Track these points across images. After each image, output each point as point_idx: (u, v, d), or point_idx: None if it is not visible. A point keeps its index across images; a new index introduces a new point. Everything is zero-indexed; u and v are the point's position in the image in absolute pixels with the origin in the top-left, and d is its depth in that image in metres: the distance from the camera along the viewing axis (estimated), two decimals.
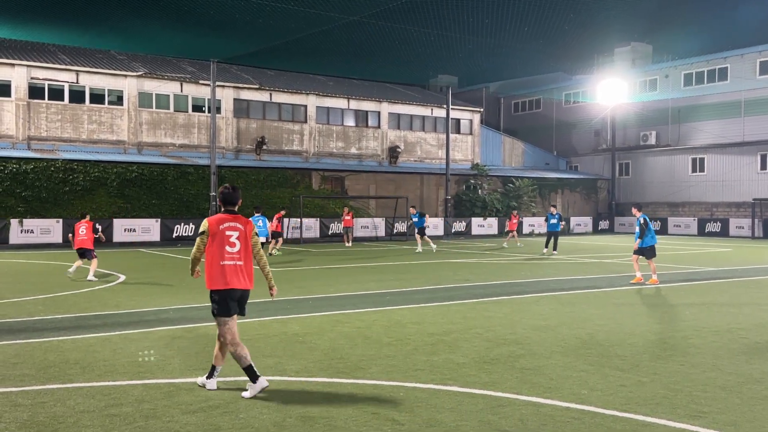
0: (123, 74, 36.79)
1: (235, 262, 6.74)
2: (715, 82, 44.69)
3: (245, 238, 6.84)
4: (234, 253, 6.74)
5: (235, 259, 6.74)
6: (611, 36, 40.52)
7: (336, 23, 25.48)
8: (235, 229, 6.80)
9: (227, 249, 6.71)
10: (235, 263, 6.74)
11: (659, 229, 44.56)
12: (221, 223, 6.78)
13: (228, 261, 6.71)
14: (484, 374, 7.38)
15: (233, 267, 6.72)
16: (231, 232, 6.77)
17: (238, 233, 6.80)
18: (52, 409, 6.05)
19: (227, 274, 6.69)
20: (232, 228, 6.79)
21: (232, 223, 6.81)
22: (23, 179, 30.82)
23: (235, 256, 6.74)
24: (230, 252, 6.73)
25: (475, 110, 49.38)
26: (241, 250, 6.78)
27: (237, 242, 6.76)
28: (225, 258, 6.71)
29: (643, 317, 11.31)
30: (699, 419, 5.89)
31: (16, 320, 10.76)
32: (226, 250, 6.71)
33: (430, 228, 39.96)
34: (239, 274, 6.75)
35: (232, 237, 6.76)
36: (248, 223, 6.97)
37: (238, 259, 6.76)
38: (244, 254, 6.82)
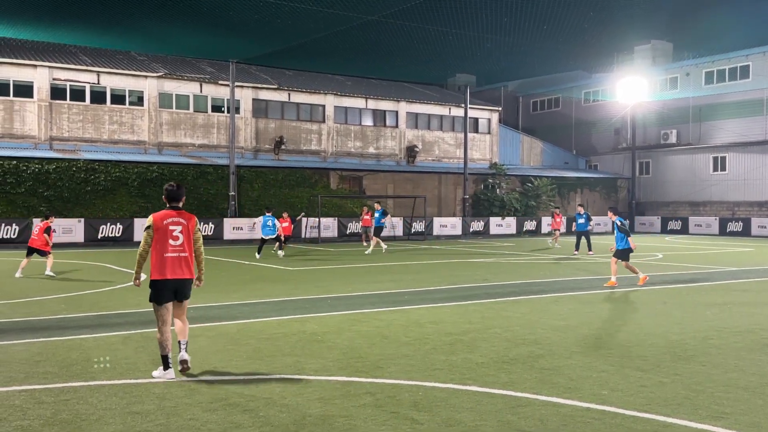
0: (143, 75, 37.11)
1: (178, 254, 7.34)
2: (736, 80, 44.18)
3: (188, 232, 7.41)
4: (177, 246, 7.34)
5: (179, 251, 7.35)
6: (631, 34, 40.22)
7: (354, 23, 25.52)
8: (179, 223, 7.39)
9: (170, 242, 7.30)
10: (179, 255, 7.35)
11: (680, 229, 44.19)
12: (165, 218, 7.36)
13: (171, 253, 7.31)
14: (503, 374, 7.36)
15: (176, 259, 7.33)
16: (174, 226, 7.36)
17: (181, 227, 7.39)
18: (75, 406, 6.13)
19: (168, 265, 7.27)
20: (176, 223, 7.37)
21: (175, 218, 7.39)
22: (45, 179, 31.19)
23: (179, 248, 7.35)
24: (173, 245, 7.32)
25: (493, 109, 49.20)
26: (183, 243, 7.37)
27: (180, 236, 7.36)
28: (169, 250, 7.30)
29: (664, 317, 11.22)
30: (721, 420, 5.83)
31: (39, 318, 10.90)
32: (170, 243, 7.30)
33: (447, 227, 39.95)
34: (181, 266, 7.35)
35: (176, 231, 7.34)
36: (191, 218, 7.54)
37: (181, 251, 7.36)
38: (187, 247, 7.41)
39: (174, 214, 7.41)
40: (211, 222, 33.15)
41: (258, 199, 36.39)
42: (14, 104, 34.02)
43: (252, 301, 12.87)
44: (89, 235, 30.36)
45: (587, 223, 25.53)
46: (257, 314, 11.35)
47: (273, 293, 14.09)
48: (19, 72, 34.19)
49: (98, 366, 7.64)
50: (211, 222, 33.15)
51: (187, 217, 7.49)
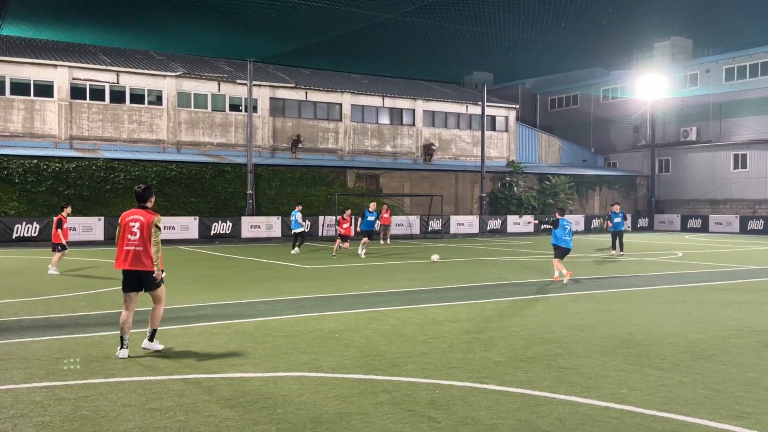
0: (162, 74, 37.35)
1: (135, 247, 8.06)
2: (757, 77, 43.64)
3: (146, 228, 8.06)
4: (134, 240, 8.06)
5: (136, 245, 8.05)
6: (650, 30, 39.88)
7: (372, 21, 25.52)
8: (136, 220, 8.12)
9: (129, 237, 8.09)
10: (135, 248, 8.06)
11: (700, 227, 43.80)
12: (128, 216, 8.22)
13: (129, 246, 8.07)
14: (520, 373, 7.33)
15: (133, 252, 8.06)
16: (133, 223, 8.11)
17: (139, 224, 8.08)
18: (95, 403, 6.18)
19: (127, 258, 8.06)
20: (135, 220, 8.13)
21: (136, 216, 8.16)
22: (66, 178, 31.50)
23: (135, 243, 8.06)
24: (131, 239, 8.07)
25: (510, 107, 48.99)
26: (139, 239, 8.05)
27: (138, 231, 8.05)
28: (127, 244, 8.09)
29: (683, 316, 11.12)
30: (742, 420, 5.77)
31: (60, 316, 11.01)
32: (128, 238, 8.09)
33: (464, 226, 39.84)
34: (139, 258, 8.03)
35: (134, 227, 8.07)
36: (151, 215, 8.17)
37: (137, 245, 8.05)
38: (143, 241, 8.05)
39: (135, 212, 8.22)
40: (229, 220, 33.31)
41: (275, 197, 36.53)
42: (35, 104, 34.40)
43: (269, 299, 12.92)
44: (109, 234, 30.60)
45: (622, 223, 25.01)
46: (274, 312, 11.39)
47: (290, 291, 14.13)
48: (39, 72, 34.56)
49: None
50: (229, 220, 33.31)
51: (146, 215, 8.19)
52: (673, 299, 13.15)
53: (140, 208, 8.24)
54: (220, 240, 32.42)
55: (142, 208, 8.23)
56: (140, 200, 8.28)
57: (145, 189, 8.35)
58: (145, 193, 8.30)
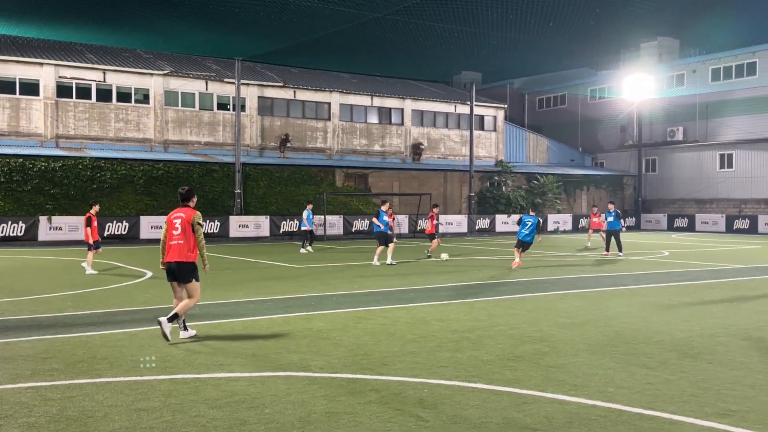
0: (149, 73, 37.16)
1: (177, 241, 8.97)
2: (743, 77, 43.97)
3: (187, 224, 8.96)
4: (177, 235, 8.98)
5: (178, 239, 8.97)
6: (637, 31, 40.09)
7: (360, 20, 25.51)
8: (179, 217, 9.03)
9: (173, 232, 9.02)
10: (177, 242, 8.97)
11: (686, 226, 44.10)
12: (172, 214, 9.16)
13: (173, 241, 8.99)
14: (508, 371, 7.35)
15: (175, 245, 8.97)
16: (176, 219, 9.04)
17: (180, 220, 8.99)
18: (81, 403, 6.14)
19: (170, 251, 8.99)
20: (177, 217, 9.06)
21: (178, 213, 9.08)
22: (52, 177, 31.28)
23: (177, 237, 8.97)
24: (174, 234, 9.01)
25: (499, 107, 49.10)
26: (181, 233, 8.95)
27: (179, 227, 8.97)
28: (171, 239, 9.00)
29: (670, 315, 11.19)
30: (727, 417, 5.81)
31: (46, 316, 10.93)
32: (172, 234, 9.01)
33: (453, 225, 39.91)
34: (179, 250, 8.94)
35: (177, 223, 9.00)
36: (192, 212, 9.05)
37: (179, 239, 8.96)
38: (184, 236, 8.95)
39: (179, 210, 9.11)
40: (217, 219, 33.20)
41: (263, 197, 36.45)
42: (20, 102, 34.14)
43: (258, 299, 12.88)
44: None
45: (618, 222, 24.52)
46: (263, 311, 11.36)
47: (279, 290, 14.11)
48: (25, 70, 34.30)
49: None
50: (217, 219, 33.20)
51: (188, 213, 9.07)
52: (660, 298, 13.23)
53: (183, 206, 9.18)
54: (208, 239, 32.30)
55: (185, 207, 9.17)
56: (184, 200, 9.21)
57: (188, 190, 9.31)
58: (188, 193, 9.26)
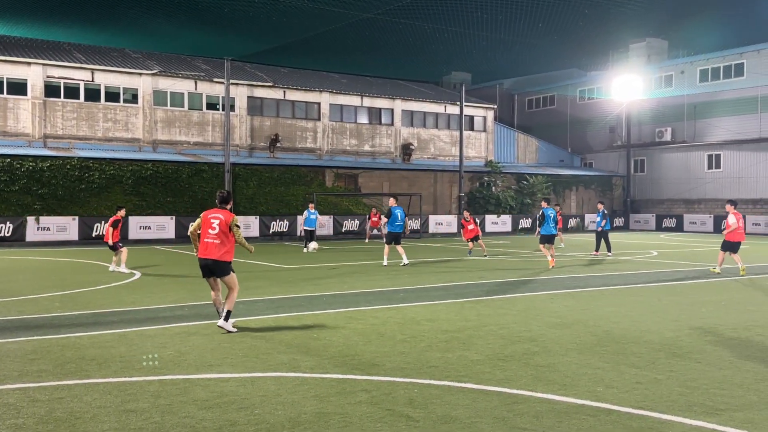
0: (138, 72, 36.99)
1: (212, 240, 9.47)
2: (731, 78, 44.27)
3: (225, 226, 9.47)
4: (213, 234, 9.47)
5: (213, 238, 9.46)
6: (626, 31, 40.28)
7: (350, 20, 25.50)
8: (216, 218, 9.55)
9: (209, 231, 9.51)
10: (213, 241, 9.47)
11: (675, 227, 44.35)
12: (209, 213, 9.68)
13: (208, 239, 9.48)
14: (498, 371, 7.37)
15: (210, 243, 9.47)
16: (213, 219, 9.55)
17: (218, 221, 9.50)
18: (70, 404, 6.10)
19: (206, 248, 9.48)
20: (215, 217, 9.57)
21: (216, 214, 9.60)
22: (39, 177, 31.09)
23: (213, 236, 9.46)
24: (210, 233, 9.49)
25: (488, 107, 49.20)
26: (219, 233, 9.44)
27: (217, 227, 9.45)
28: (207, 237, 9.50)
29: (659, 314, 11.24)
30: (715, 416, 5.84)
31: (34, 317, 10.86)
32: (208, 232, 9.51)
33: (443, 225, 39.95)
34: (214, 249, 9.44)
35: (214, 223, 9.50)
36: (230, 215, 9.58)
37: (215, 238, 9.46)
38: (222, 237, 9.44)
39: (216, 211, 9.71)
40: None
41: (253, 197, 36.37)
42: (8, 102, 33.90)
43: (247, 299, 12.84)
44: (84, 234, 30.30)
45: (607, 223, 24.54)
46: (253, 312, 11.33)
47: (269, 291, 14.07)
48: (12, 69, 34.06)
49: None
50: None
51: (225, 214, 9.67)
52: (649, 298, 13.29)
53: (221, 208, 9.68)
54: None
55: (222, 209, 9.67)
56: (223, 202, 9.78)
57: (228, 193, 9.94)
58: (228, 197, 9.88)
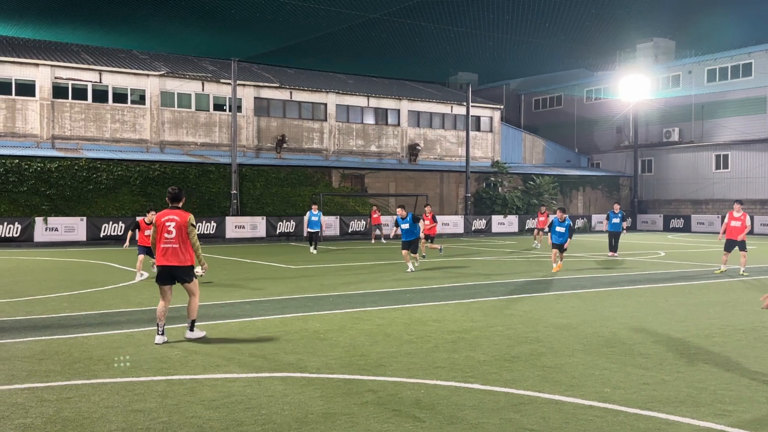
0: (145, 74, 37.12)
1: (171, 245, 8.81)
2: (739, 78, 44.08)
3: (182, 227, 8.81)
4: (171, 238, 8.80)
5: (171, 242, 8.80)
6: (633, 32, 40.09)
7: (356, 21, 25.49)
8: (172, 220, 8.84)
9: (165, 236, 8.81)
10: (172, 246, 8.81)
11: (682, 227, 44.18)
12: (163, 216, 8.93)
13: (166, 244, 8.82)
14: (505, 372, 7.36)
15: (170, 249, 8.82)
16: (169, 222, 8.84)
17: (174, 223, 8.81)
18: (78, 404, 6.13)
19: (164, 254, 8.81)
20: (170, 219, 8.85)
21: (171, 216, 8.88)
22: (47, 178, 31.21)
23: (172, 240, 8.80)
24: (168, 238, 8.81)
25: (495, 107, 49.15)
26: (176, 236, 8.79)
27: (174, 230, 8.80)
28: (165, 242, 8.81)
29: (667, 315, 11.21)
30: (723, 418, 5.82)
31: (42, 317, 10.91)
32: (165, 237, 8.81)
33: (450, 226, 39.92)
34: (175, 254, 8.80)
35: (170, 226, 8.80)
36: (185, 215, 8.88)
37: (174, 242, 8.80)
38: (179, 239, 8.80)
39: (170, 212, 8.94)
40: (213, 220, 33.16)
41: (260, 197, 36.43)
42: (16, 103, 34.06)
43: (254, 300, 12.87)
44: (91, 234, 30.40)
45: (621, 224, 24.03)
46: (259, 312, 11.35)
47: (275, 291, 14.10)
48: (21, 71, 34.22)
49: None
50: (213, 220, 33.16)
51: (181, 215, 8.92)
52: (657, 298, 13.25)
53: (173, 208, 9.00)
54: (205, 240, 32.26)
55: (175, 209, 8.99)
56: (174, 201, 9.04)
57: (179, 190, 9.19)
58: (179, 194, 9.13)
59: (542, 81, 56.91)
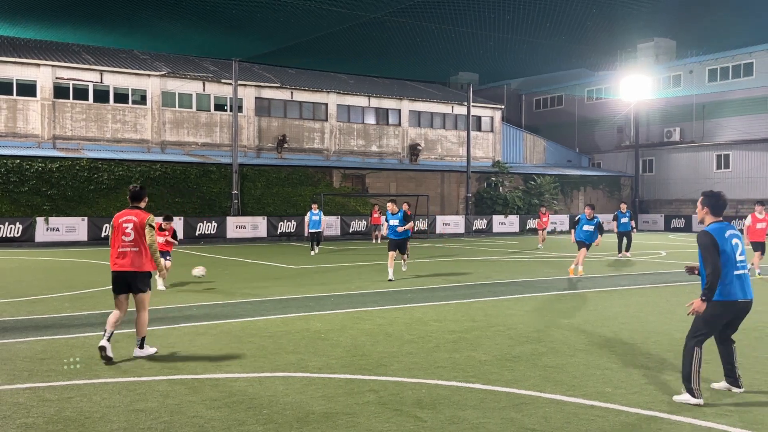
0: (146, 74, 37.14)
1: (130, 248, 7.92)
2: (740, 78, 44.07)
3: (140, 228, 7.92)
4: (128, 241, 7.92)
5: (129, 245, 7.91)
6: (634, 31, 40.06)
7: (357, 21, 25.50)
8: (130, 221, 7.97)
9: (123, 238, 7.94)
10: (130, 249, 7.92)
11: (683, 227, 44.17)
12: (121, 217, 8.06)
13: (123, 248, 7.93)
14: (506, 372, 7.36)
15: (127, 253, 7.91)
16: (127, 224, 7.96)
17: (132, 224, 7.94)
18: (79, 404, 6.14)
19: (120, 259, 7.93)
20: (128, 221, 7.97)
21: (129, 216, 8.00)
22: (49, 178, 31.23)
23: (129, 244, 7.92)
24: (125, 240, 7.93)
25: (496, 107, 49.15)
26: (135, 239, 7.91)
27: (132, 233, 7.91)
28: (122, 245, 7.93)
29: (668, 315, 11.20)
30: (725, 418, 5.83)
31: (43, 317, 10.92)
32: (122, 240, 7.94)
33: (450, 226, 39.92)
34: (132, 259, 7.90)
35: (128, 228, 7.93)
36: (145, 215, 8.01)
37: (131, 246, 7.91)
38: (138, 242, 7.92)
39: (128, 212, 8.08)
40: (214, 220, 33.17)
41: (261, 197, 36.44)
42: (18, 103, 34.09)
43: (255, 299, 12.88)
44: (93, 234, 30.41)
45: (629, 223, 23.85)
46: (261, 312, 11.36)
47: (276, 291, 14.10)
48: (22, 71, 34.25)
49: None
50: (214, 220, 33.17)
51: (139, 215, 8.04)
52: (658, 298, 13.25)
53: (133, 208, 8.15)
54: (205, 240, 32.27)
55: (135, 209, 8.13)
56: (134, 200, 8.22)
57: (141, 189, 8.32)
58: (140, 192, 8.27)
59: (543, 81, 56.90)
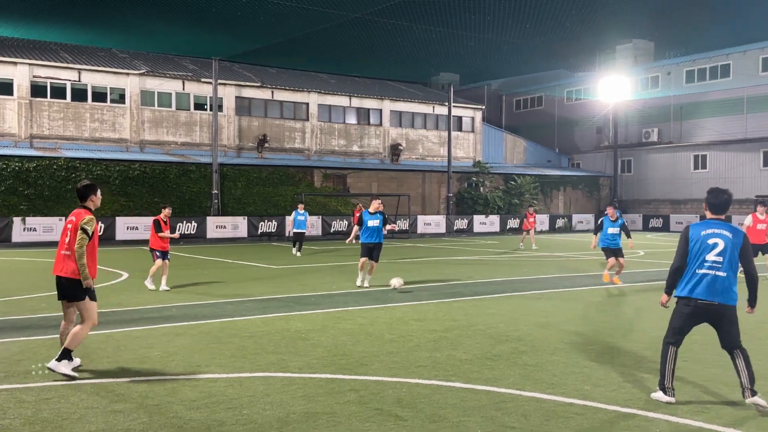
0: (125, 72, 36.82)
1: (65, 251, 7.16)
2: (717, 79, 44.62)
3: (74, 230, 7.10)
4: (67, 243, 7.16)
5: (66, 248, 7.15)
6: (613, 33, 40.42)
7: (338, 21, 25.49)
8: (70, 221, 7.21)
9: (64, 239, 7.21)
10: (64, 252, 7.16)
11: (661, 226, 44.63)
12: (68, 216, 7.30)
13: (62, 250, 7.20)
14: (486, 370, 7.39)
15: (64, 256, 7.16)
16: (69, 224, 7.21)
17: (71, 225, 7.16)
18: (56, 405, 6.07)
19: (57, 262, 7.21)
20: (69, 221, 7.23)
21: (71, 216, 7.23)
22: (26, 177, 30.86)
23: (66, 246, 7.15)
24: (64, 242, 7.20)
25: (476, 108, 49.33)
26: (71, 241, 7.11)
27: (69, 234, 7.14)
28: (60, 248, 7.23)
29: (646, 314, 11.31)
30: (702, 414, 5.89)
31: (20, 317, 10.79)
32: (63, 241, 7.21)
33: (432, 225, 40.00)
34: (66, 263, 7.12)
35: (69, 228, 7.19)
36: (81, 214, 7.14)
37: (67, 248, 7.15)
38: (72, 245, 7.11)
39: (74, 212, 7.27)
40: (194, 220, 32.96)
41: (241, 197, 36.27)
42: None
43: (235, 299, 12.82)
44: None
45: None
46: (241, 312, 11.30)
47: (257, 291, 14.04)
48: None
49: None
50: (194, 220, 32.96)
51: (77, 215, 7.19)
52: (636, 297, 13.37)
53: (80, 207, 7.27)
54: (185, 240, 32.05)
55: (82, 208, 7.24)
56: (80, 198, 7.30)
57: (86, 186, 7.32)
58: (86, 190, 7.27)
59: (523, 81, 57.22)
